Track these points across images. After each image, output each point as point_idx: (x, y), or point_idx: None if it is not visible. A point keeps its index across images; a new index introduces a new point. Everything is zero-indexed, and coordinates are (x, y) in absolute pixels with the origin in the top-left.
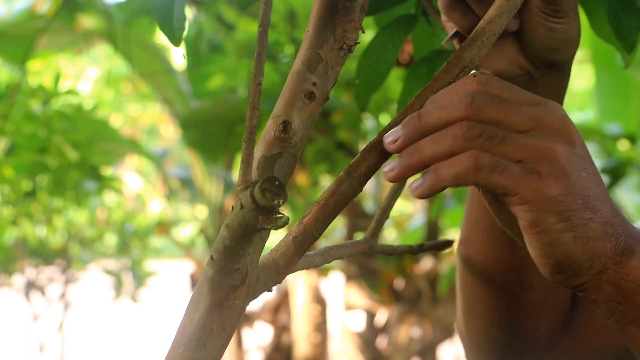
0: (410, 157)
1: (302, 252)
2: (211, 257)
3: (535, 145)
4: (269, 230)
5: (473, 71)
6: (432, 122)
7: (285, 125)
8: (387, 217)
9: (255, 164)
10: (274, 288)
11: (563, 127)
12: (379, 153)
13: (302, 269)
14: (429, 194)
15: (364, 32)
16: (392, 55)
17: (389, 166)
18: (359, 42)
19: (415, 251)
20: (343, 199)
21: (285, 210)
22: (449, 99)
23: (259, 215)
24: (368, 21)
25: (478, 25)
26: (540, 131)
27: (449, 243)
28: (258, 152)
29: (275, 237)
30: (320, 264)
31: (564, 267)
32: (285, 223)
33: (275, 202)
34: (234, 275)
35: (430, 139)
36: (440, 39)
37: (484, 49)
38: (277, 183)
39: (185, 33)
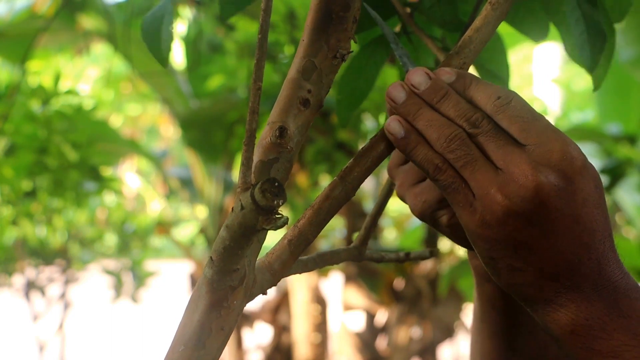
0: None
1: (296, 255)
2: (210, 258)
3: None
4: (267, 232)
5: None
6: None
7: (282, 131)
8: (376, 225)
9: (252, 168)
10: (271, 290)
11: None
12: (371, 158)
13: (296, 272)
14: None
15: (356, 42)
16: (374, 73)
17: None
18: (351, 52)
19: (402, 260)
20: (337, 203)
21: (285, 211)
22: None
23: (259, 216)
24: None
25: (465, 34)
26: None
27: (434, 252)
28: (255, 156)
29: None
30: (313, 268)
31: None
32: (285, 223)
33: (275, 202)
34: (232, 276)
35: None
36: (422, 56)
37: (472, 57)
38: (276, 184)
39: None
